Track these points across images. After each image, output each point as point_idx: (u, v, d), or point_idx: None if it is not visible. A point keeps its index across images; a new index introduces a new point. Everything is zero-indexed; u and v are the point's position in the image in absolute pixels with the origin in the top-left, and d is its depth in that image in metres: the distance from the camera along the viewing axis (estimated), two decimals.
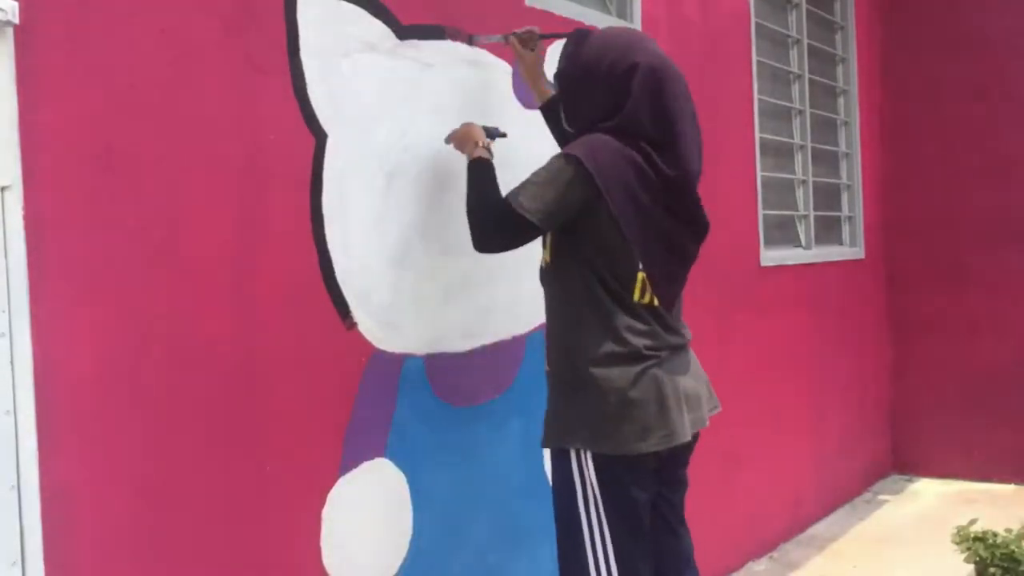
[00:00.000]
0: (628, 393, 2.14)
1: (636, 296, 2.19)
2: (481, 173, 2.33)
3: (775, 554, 4.35)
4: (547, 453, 2.38)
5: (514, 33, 2.66)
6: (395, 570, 2.46)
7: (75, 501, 1.79)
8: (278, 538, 2.17)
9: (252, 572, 2.12)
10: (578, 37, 2.34)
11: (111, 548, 1.85)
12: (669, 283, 2.26)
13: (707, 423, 2.33)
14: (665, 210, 2.22)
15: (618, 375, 2.15)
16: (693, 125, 2.30)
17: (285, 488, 2.18)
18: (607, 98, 2.21)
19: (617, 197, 2.14)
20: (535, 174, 2.20)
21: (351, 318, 2.36)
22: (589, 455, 2.17)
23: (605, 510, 2.16)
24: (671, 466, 2.30)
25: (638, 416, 2.14)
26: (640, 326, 2.19)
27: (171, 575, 1.96)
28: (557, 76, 2.39)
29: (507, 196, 2.19)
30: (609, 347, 2.16)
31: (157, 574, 1.94)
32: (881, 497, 5.32)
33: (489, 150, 2.41)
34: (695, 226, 2.32)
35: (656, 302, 2.23)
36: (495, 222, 2.23)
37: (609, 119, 2.20)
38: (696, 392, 2.30)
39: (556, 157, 2.21)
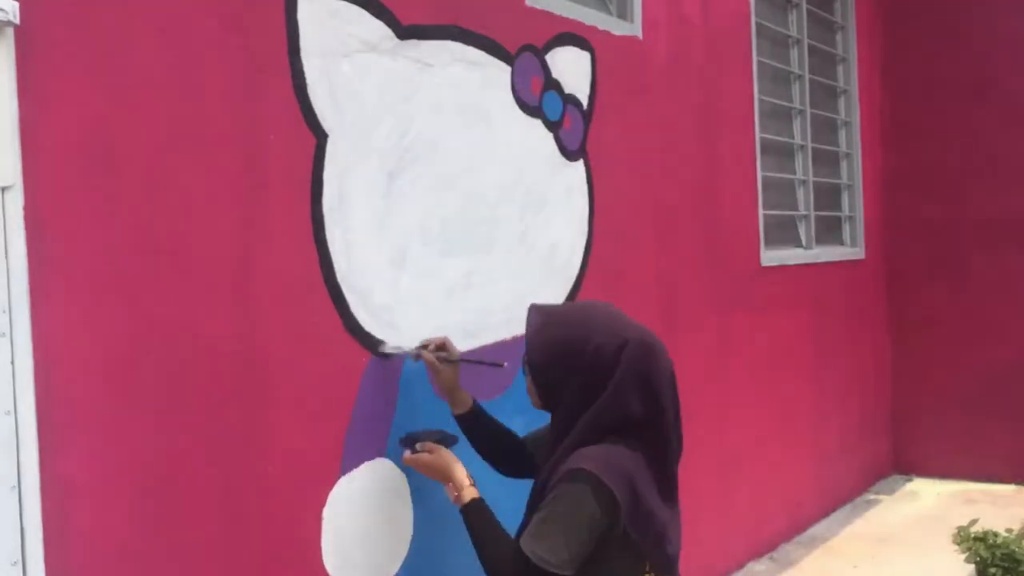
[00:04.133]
0: None
1: None
2: (481, 520, 2.08)
3: (775, 554, 4.35)
4: None
5: (423, 346, 2.43)
6: (395, 570, 2.46)
7: (76, 501, 1.79)
8: (278, 538, 2.17)
9: (252, 572, 2.12)
10: (537, 317, 2.12)
11: (111, 548, 1.85)
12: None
13: None
14: (663, 501, 2.03)
15: None
16: (674, 403, 2.06)
17: (285, 488, 2.18)
18: (592, 379, 2.00)
19: (634, 514, 1.94)
20: (550, 511, 1.93)
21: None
22: None
23: None
24: None
25: None
26: None
27: (171, 575, 1.96)
28: (530, 364, 2.11)
29: (523, 545, 1.91)
30: None
31: (157, 574, 1.94)
32: (881, 497, 5.32)
33: (473, 483, 2.14)
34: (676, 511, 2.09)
35: None
36: None
37: (591, 401, 2.00)
38: None
39: (570, 481, 1.93)
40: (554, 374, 2.05)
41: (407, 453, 2.27)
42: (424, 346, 2.43)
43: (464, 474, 2.16)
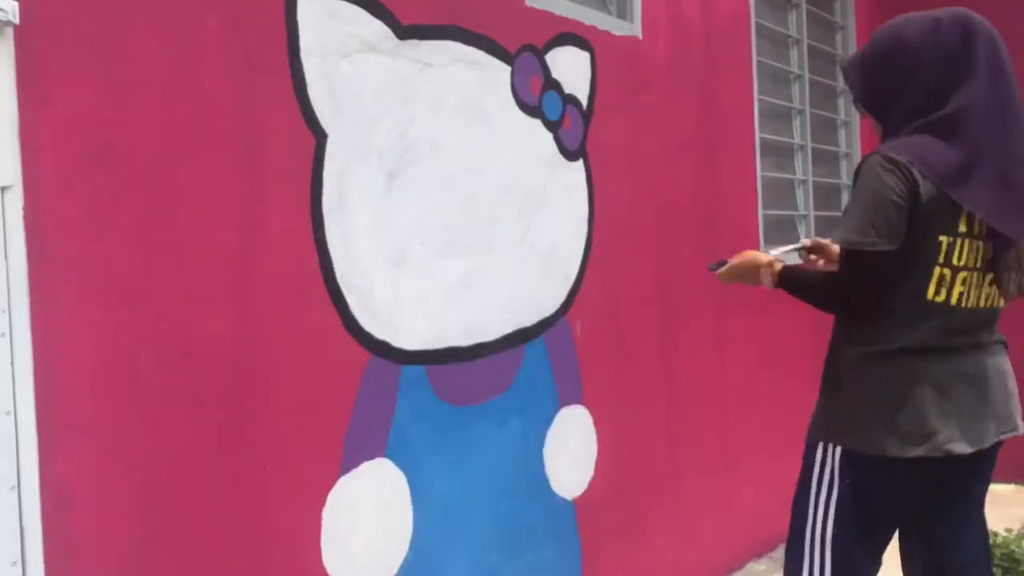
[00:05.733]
0: (882, 389, 2.03)
1: (931, 294, 2.01)
2: (795, 280, 2.27)
3: (775, 554, 4.35)
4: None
5: (801, 247, 2.65)
6: (395, 570, 2.46)
7: (75, 501, 1.79)
8: (278, 538, 2.17)
9: (252, 572, 2.12)
10: (851, 60, 2.25)
11: (111, 548, 1.85)
12: (975, 282, 2.05)
13: (988, 443, 2.10)
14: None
15: (875, 372, 2.05)
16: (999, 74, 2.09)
17: (285, 488, 2.18)
18: (940, 80, 2.03)
19: (930, 186, 1.96)
20: (848, 205, 2.06)
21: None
22: (838, 450, 2.11)
23: (837, 505, 2.11)
24: (953, 478, 2.13)
25: (891, 416, 2.01)
26: (918, 323, 2.02)
27: (171, 575, 1.96)
28: (858, 98, 2.21)
29: (835, 239, 2.07)
30: (872, 344, 2.05)
31: (157, 574, 1.94)
32: None
33: (775, 260, 2.34)
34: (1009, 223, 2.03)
35: (961, 302, 2.03)
36: (849, 282, 2.06)
37: (942, 104, 2.01)
38: (978, 407, 2.06)
39: (857, 173, 2.05)
40: (892, 83, 2.09)
41: (717, 270, 2.50)
42: (802, 247, 2.61)
43: (767, 257, 2.34)
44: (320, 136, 2.28)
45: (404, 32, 2.50)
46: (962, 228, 2.01)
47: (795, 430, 4.66)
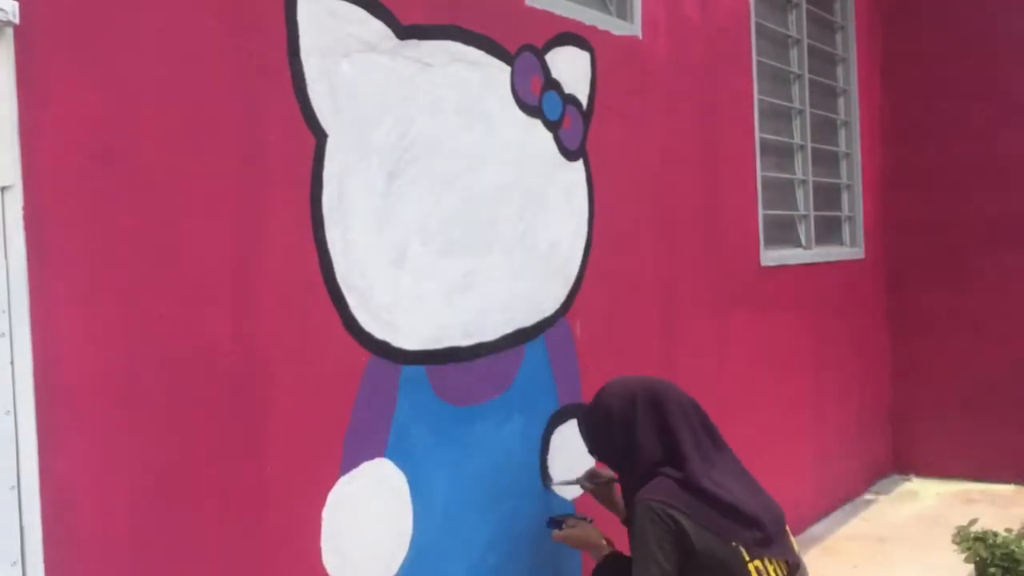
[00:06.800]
0: None
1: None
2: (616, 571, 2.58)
3: None
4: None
5: (581, 479, 2.93)
6: (395, 570, 2.46)
7: (75, 501, 1.79)
8: (278, 538, 2.17)
9: (253, 572, 2.12)
10: (580, 412, 2.70)
11: (111, 548, 1.85)
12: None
13: None
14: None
15: None
16: (692, 429, 2.55)
17: (285, 488, 2.18)
18: (622, 437, 2.51)
19: (696, 515, 2.35)
20: (632, 547, 2.40)
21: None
22: None
23: None
24: None
25: None
26: None
27: (171, 575, 1.96)
28: (591, 453, 2.68)
29: None
30: None
31: (157, 574, 1.94)
32: (881, 497, 5.32)
33: (609, 543, 2.67)
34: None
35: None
36: None
37: (630, 455, 2.49)
38: None
39: (633, 517, 2.40)
40: (598, 444, 2.61)
41: (556, 531, 2.76)
42: (581, 476, 2.93)
43: (601, 540, 2.68)
44: (320, 136, 2.28)
45: (404, 32, 2.50)
46: None
47: (794, 430, 4.67)
